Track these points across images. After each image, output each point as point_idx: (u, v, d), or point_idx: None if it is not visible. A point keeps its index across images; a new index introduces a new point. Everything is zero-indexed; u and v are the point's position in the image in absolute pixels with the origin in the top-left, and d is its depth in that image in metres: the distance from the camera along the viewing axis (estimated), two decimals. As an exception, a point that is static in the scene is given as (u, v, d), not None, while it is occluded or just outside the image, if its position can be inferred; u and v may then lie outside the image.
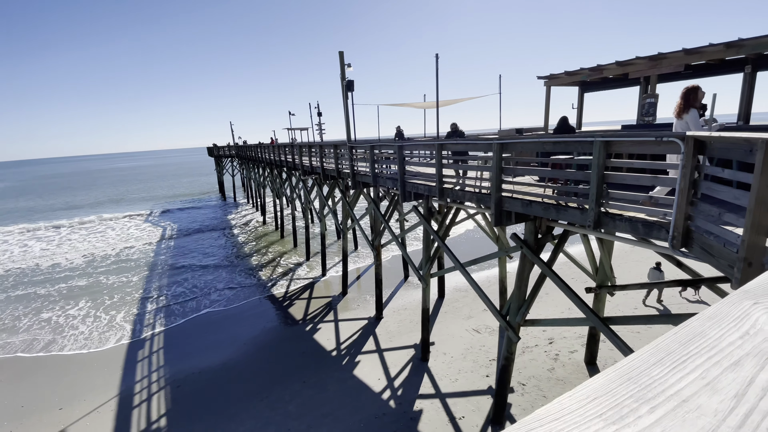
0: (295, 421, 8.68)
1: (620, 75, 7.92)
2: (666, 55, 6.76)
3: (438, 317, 13.52)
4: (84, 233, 32.75)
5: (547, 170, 5.53)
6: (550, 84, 9.45)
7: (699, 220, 3.83)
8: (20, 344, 13.59)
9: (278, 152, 23.17)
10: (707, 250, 3.69)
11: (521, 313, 7.27)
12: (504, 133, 10.51)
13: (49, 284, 19.99)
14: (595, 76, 8.25)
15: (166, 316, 15.36)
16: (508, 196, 6.33)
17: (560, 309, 12.95)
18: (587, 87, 9.49)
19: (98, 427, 9.12)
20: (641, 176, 4.38)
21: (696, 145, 3.76)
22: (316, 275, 18.91)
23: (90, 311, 16.21)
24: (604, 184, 4.79)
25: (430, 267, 10.16)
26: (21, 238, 32.00)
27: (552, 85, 9.45)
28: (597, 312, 9.04)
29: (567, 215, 5.36)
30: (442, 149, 7.59)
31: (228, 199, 47.73)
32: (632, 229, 4.59)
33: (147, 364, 12.01)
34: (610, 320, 5.88)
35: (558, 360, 10.08)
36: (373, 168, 10.53)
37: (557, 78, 9.09)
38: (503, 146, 6.11)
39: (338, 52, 10.89)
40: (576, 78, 8.71)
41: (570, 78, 8.82)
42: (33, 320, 15.58)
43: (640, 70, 7.34)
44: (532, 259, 6.80)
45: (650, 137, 4.17)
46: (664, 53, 6.80)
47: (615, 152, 4.75)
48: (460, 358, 10.67)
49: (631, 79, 7.89)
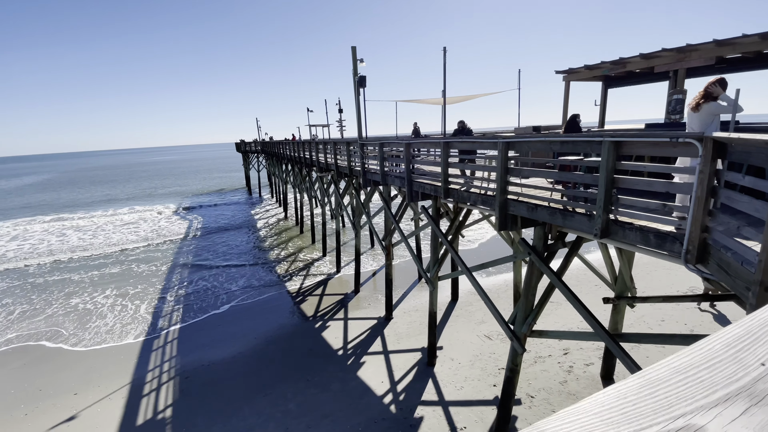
0: (294, 420, 8.64)
1: (645, 69, 7.24)
2: (695, 46, 6.08)
3: (449, 320, 13.16)
4: (118, 224, 34.48)
5: (553, 172, 5.11)
6: (570, 79, 8.81)
7: (717, 233, 3.37)
8: (45, 332, 14.36)
9: (297, 149, 23.37)
10: (724, 268, 3.23)
11: (527, 323, 6.85)
12: (520, 131, 9.98)
13: (83, 270, 21.11)
14: (617, 71, 7.59)
15: (184, 307, 15.81)
16: (514, 198, 5.95)
17: (576, 319, 12.27)
18: (611, 82, 8.78)
19: (108, 413, 9.44)
20: (654, 181, 3.92)
21: (715, 148, 3.30)
22: (330, 272, 18.94)
23: (117, 299, 16.93)
24: (613, 189, 4.36)
25: (438, 269, 9.84)
26: (60, 227, 34.05)
27: (571, 80, 8.81)
28: (615, 324, 8.46)
29: (574, 222, 4.94)
30: (448, 148, 7.25)
31: (254, 194, 48.89)
32: (643, 240, 4.14)
33: (161, 353, 12.37)
34: (621, 337, 5.41)
35: (572, 372, 9.52)
36: (383, 166, 10.30)
37: (577, 72, 8.46)
38: (509, 145, 5.73)
39: (351, 47, 10.71)
40: (597, 72, 8.06)
41: (590, 72, 8.17)
42: (62, 305, 16.45)
43: (667, 64, 6.65)
44: (540, 267, 6.38)
45: (665, 137, 3.72)
46: (693, 45, 6.11)
47: (627, 154, 4.30)
48: (467, 365, 10.30)
49: (658, 73, 7.19)
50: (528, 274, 6.76)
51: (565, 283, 5.97)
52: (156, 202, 46.56)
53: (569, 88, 8.99)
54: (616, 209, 4.37)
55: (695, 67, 6.08)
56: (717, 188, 3.37)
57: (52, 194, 62.35)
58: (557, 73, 8.96)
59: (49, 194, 62.51)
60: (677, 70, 6.45)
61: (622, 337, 5.36)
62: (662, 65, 6.81)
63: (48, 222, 37.46)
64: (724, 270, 3.23)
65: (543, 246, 6.48)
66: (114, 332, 13.90)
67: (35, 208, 47.55)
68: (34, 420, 9.37)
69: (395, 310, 14.16)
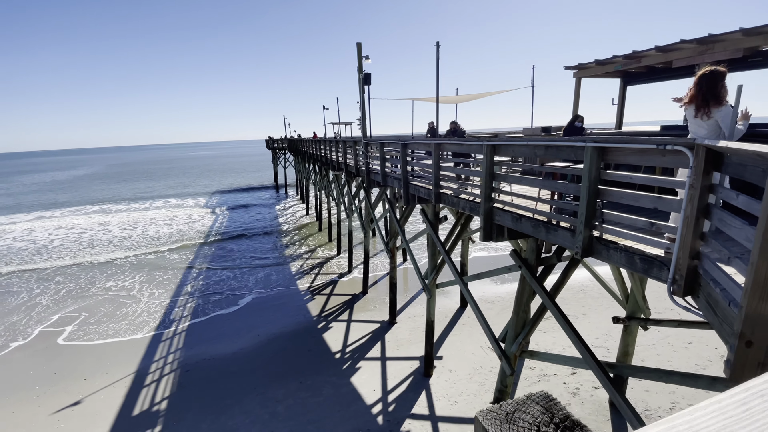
0: (279, 424, 8.51)
1: (662, 63, 6.37)
2: (719, 37, 5.20)
3: (454, 329, 12.61)
4: (156, 215, 36.35)
5: (537, 180, 4.57)
6: (580, 75, 7.98)
7: (708, 261, 2.77)
8: (71, 318, 15.15)
9: (315, 147, 23.43)
10: (712, 306, 2.64)
11: (518, 342, 6.28)
12: (529, 132, 9.27)
13: (115, 262, 22.27)
14: (632, 66, 6.74)
15: (197, 300, 16.20)
16: (500, 207, 5.42)
17: (591, 336, 11.37)
18: (630, 79, 7.87)
19: (109, 401, 9.74)
20: (641, 195, 3.33)
21: (709, 158, 2.70)
22: (342, 271, 18.82)
23: (141, 290, 17.67)
24: (598, 202, 3.78)
25: (435, 276, 9.37)
26: (103, 219, 36.30)
27: (582, 76, 7.99)
28: (625, 347, 7.66)
29: (557, 237, 4.38)
30: (439, 149, 6.78)
31: (281, 190, 49.91)
32: (628, 262, 3.55)
33: (168, 345, 12.68)
34: (613, 368, 4.76)
35: (577, 396, 8.76)
36: (383, 167, 9.93)
37: (587, 68, 7.63)
38: (494, 149, 5.21)
39: (356, 44, 10.40)
40: (609, 68, 7.21)
41: (602, 68, 7.33)
42: (91, 294, 17.38)
43: (687, 57, 5.78)
44: (530, 282, 5.80)
45: (652, 144, 3.14)
46: (717, 35, 5.23)
47: (614, 162, 3.70)
48: (465, 378, 9.76)
49: (677, 68, 6.30)
50: (519, 290, 6.19)
51: (555, 303, 5.38)
52: (189, 197, 48.62)
53: (580, 85, 8.15)
54: (600, 225, 3.79)
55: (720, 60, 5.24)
56: (711, 207, 2.77)
57: (100, 185, 66.81)
58: (566, 69, 8.15)
59: (97, 185, 67.03)
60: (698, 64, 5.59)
61: (612, 368, 4.72)
62: (681, 59, 5.93)
63: (93, 212, 40.19)
64: (712, 309, 2.64)
65: (536, 259, 5.89)
66: (128, 323, 14.45)
67: (84, 198, 51.11)
68: (45, 401, 9.83)
69: (400, 314, 13.78)
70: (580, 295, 14.87)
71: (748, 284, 1.93)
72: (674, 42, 5.80)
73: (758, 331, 1.93)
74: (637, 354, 10.25)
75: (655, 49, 6.09)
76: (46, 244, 27.16)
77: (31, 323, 14.47)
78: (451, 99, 14.86)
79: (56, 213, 40.73)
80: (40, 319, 14.80)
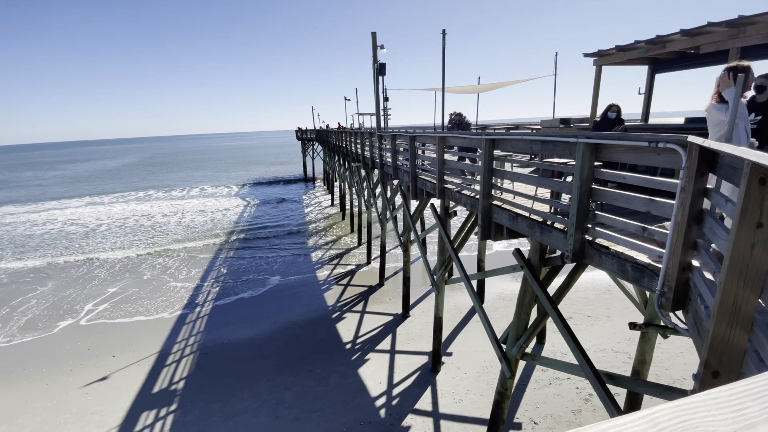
0: (285, 410, 8.73)
1: (689, 49, 5.69)
2: (751, 19, 4.53)
3: (467, 325, 12.38)
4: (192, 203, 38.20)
5: (533, 177, 4.29)
6: (601, 63, 7.32)
7: (699, 275, 2.47)
8: (104, 297, 16.24)
9: (337, 138, 23.52)
10: (698, 324, 2.36)
11: (519, 345, 6.04)
12: (546, 124, 8.75)
13: (158, 241, 23.65)
14: (656, 52, 6.09)
15: (221, 286, 16.88)
16: (499, 205, 5.16)
17: (612, 340, 10.79)
18: (659, 66, 7.12)
19: (133, 378, 10.39)
20: (634, 197, 3.03)
21: (704, 158, 2.39)
22: (361, 262, 18.93)
23: (173, 274, 18.66)
24: (591, 203, 3.49)
25: (444, 272, 9.17)
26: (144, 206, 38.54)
27: (603, 64, 7.32)
28: (642, 355, 7.19)
29: (551, 238, 4.11)
30: (444, 143, 6.56)
31: (309, 180, 50.77)
32: (620, 270, 3.26)
33: (190, 328, 13.32)
34: (612, 379, 4.46)
35: (590, 402, 8.36)
36: (395, 159, 9.78)
37: (608, 55, 6.98)
38: (494, 143, 4.95)
39: (371, 33, 10.20)
40: (631, 55, 6.55)
41: (624, 55, 6.68)
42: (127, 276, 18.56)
43: (716, 42, 5.12)
44: (531, 284, 5.52)
45: (644, 141, 2.83)
46: (749, 17, 4.56)
47: (609, 160, 3.39)
48: (473, 377, 9.57)
49: (705, 54, 5.61)
50: (521, 291, 5.92)
51: (556, 307, 5.09)
52: (223, 186, 50.55)
53: (600, 73, 7.47)
54: (593, 228, 3.51)
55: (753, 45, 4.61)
56: (705, 213, 2.47)
57: (143, 173, 70.95)
58: (586, 57, 7.49)
59: (140, 173, 71.23)
60: (728, 50, 4.94)
61: (612, 378, 4.41)
62: (710, 44, 5.25)
63: (136, 198, 42.81)
64: (697, 328, 2.36)
65: (539, 260, 5.59)
66: (158, 304, 15.29)
67: (129, 185, 54.52)
68: (76, 375, 10.64)
69: (414, 308, 13.69)
70: (605, 296, 14.14)
71: (715, 307, 1.68)
72: (701, 25, 5.16)
73: (726, 360, 1.69)
74: (661, 362, 9.65)
75: (681, 33, 5.46)
76: (94, 228, 29.22)
77: (79, 300, 15.67)
78: (472, 89, 14.31)
79: (105, 199, 43.69)
80: (84, 298, 15.97)
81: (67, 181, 63.52)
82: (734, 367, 1.68)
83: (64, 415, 8.84)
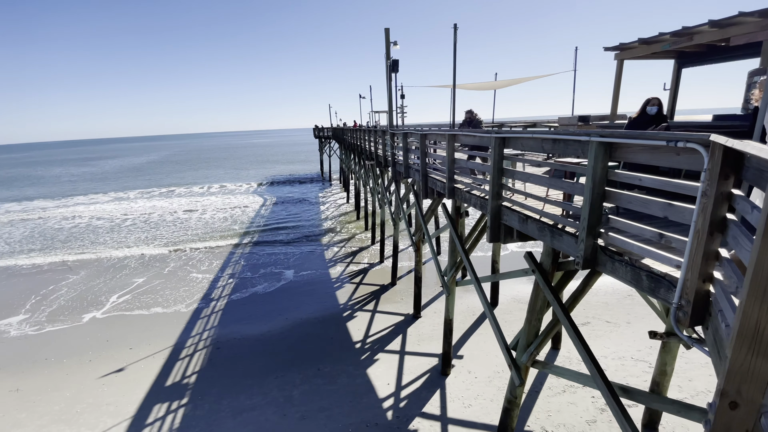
0: (292, 408, 8.74)
1: (719, 41, 5.27)
2: None
3: (480, 328, 12.11)
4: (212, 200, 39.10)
5: (544, 178, 4.07)
6: (622, 57, 6.91)
7: (721, 288, 2.24)
8: (128, 288, 16.72)
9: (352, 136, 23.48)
10: (717, 344, 2.13)
11: (529, 352, 5.80)
12: (564, 122, 8.40)
13: (180, 237, 24.27)
14: (682, 45, 5.67)
15: (236, 281, 17.13)
16: (508, 206, 4.95)
17: (632, 348, 10.34)
18: (686, 60, 6.65)
19: (148, 370, 10.62)
20: (650, 200, 2.80)
21: (729, 159, 2.16)
22: (374, 261, 18.86)
23: (191, 269, 19.08)
24: (604, 206, 3.26)
25: (455, 274, 8.97)
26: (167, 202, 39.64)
27: (624, 58, 6.90)
28: (662, 365, 6.83)
29: (562, 243, 3.89)
30: (454, 141, 6.36)
31: (326, 178, 51.12)
32: (634, 279, 3.03)
33: (205, 322, 13.55)
34: (627, 392, 4.19)
35: (606, 412, 8.00)
36: (407, 158, 9.62)
37: (630, 49, 6.57)
38: (504, 141, 4.74)
39: (384, 29, 10.05)
40: (656, 48, 6.14)
41: (648, 48, 6.26)
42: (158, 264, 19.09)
43: (748, 34, 4.70)
44: (543, 289, 5.28)
45: (662, 140, 2.60)
46: None
47: (628, 161, 3.15)
48: (484, 381, 9.34)
49: (736, 47, 5.17)
50: (533, 296, 5.68)
51: (568, 315, 4.84)
52: (243, 183, 51.49)
53: (622, 68, 7.05)
54: (606, 233, 3.28)
55: None
56: (728, 220, 2.23)
57: (166, 170, 73.09)
58: (606, 51, 7.07)
59: (164, 170, 73.38)
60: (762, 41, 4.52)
61: (626, 392, 4.14)
62: (740, 35, 4.82)
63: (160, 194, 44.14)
64: (717, 348, 2.13)
65: (552, 264, 5.34)
66: (176, 296, 15.64)
67: (152, 182, 56.26)
68: (95, 366, 10.97)
69: (425, 309, 13.51)
70: (626, 301, 13.59)
71: (735, 329, 1.48)
72: (732, 15, 4.76)
73: (746, 390, 1.48)
74: (684, 372, 9.18)
75: (709, 24, 5.05)
76: (119, 223, 30.24)
77: (105, 292, 16.23)
78: (488, 85, 13.94)
79: (130, 194, 45.21)
80: (111, 289, 16.51)
81: (96, 178, 66.06)
82: (755, 398, 1.48)
83: (81, 405, 9.11)
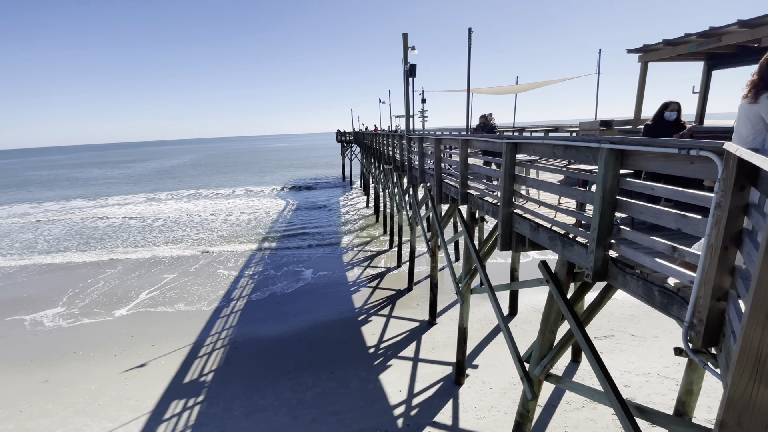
0: (304, 411, 8.79)
1: (750, 42, 4.92)
2: None
3: (496, 337, 11.82)
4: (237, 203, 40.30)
5: (555, 185, 3.95)
6: (646, 59, 6.59)
7: (735, 307, 2.09)
8: (155, 285, 17.36)
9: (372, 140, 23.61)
10: (729, 366, 1.98)
11: (542, 365, 5.61)
12: (586, 126, 8.11)
13: (205, 238, 25.10)
14: (710, 46, 5.35)
15: (256, 282, 17.49)
16: (520, 214, 4.82)
17: (658, 364, 9.83)
18: (716, 62, 6.26)
19: (168, 366, 10.96)
20: (663, 211, 2.65)
21: (744, 169, 2.01)
22: (391, 265, 18.82)
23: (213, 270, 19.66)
24: (615, 216, 3.12)
25: (470, 281, 8.81)
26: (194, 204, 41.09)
27: (648, 60, 6.58)
28: (689, 384, 6.45)
29: (573, 253, 3.74)
30: (467, 146, 6.27)
31: (347, 182, 51.62)
32: (646, 294, 2.87)
33: (224, 322, 13.88)
34: (643, 413, 3.97)
35: None
36: (422, 163, 9.57)
37: (655, 51, 6.26)
38: (516, 147, 4.63)
39: (402, 34, 10.06)
40: (682, 50, 5.81)
41: (673, 50, 5.94)
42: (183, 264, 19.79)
43: None
44: (557, 300, 5.10)
45: (674, 147, 2.46)
46: None
47: (639, 168, 3.00)
48: (499, 393, 9.09)
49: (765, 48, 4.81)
50: (547, 307, 5.49)
51: (582, 328, 4.65)
52: (266, 186, 52.74)
53: (646, 71, 6.73)
54: (617, 244, 3.13)
55: None
56: (746, 234, 2.08)
57: (194, 173, 75.87)
58: (629, 53, 6.77)
59: (192, 173, 76.20)
60: None
61: (642, 412, 3.91)
62: None
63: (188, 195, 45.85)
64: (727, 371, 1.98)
65: (566, 274, 5.15)
66: (201, 293, 16.14)
67: (181, 184, 58.50)
68: (119, 361, 11.42)
69: (441, 316, 13.33)
70: (654, 314, 12.92)
71: (735, 356, 1.37)
72: (761, 15, 4.46)
73: (747, 422, 1.37)
74: (714, 391, 8.61)
75: (738, 24, 4.74)
76: (150, 223, 31.57)
77: (134, 288, 16.97)
78: (508, 89, 13.67)
79: (161, 195, 47.14)
80: (140, 286, 17.24)
81: (131, 180, 69.32)
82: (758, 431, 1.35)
83: (104, 398, 9.50)
